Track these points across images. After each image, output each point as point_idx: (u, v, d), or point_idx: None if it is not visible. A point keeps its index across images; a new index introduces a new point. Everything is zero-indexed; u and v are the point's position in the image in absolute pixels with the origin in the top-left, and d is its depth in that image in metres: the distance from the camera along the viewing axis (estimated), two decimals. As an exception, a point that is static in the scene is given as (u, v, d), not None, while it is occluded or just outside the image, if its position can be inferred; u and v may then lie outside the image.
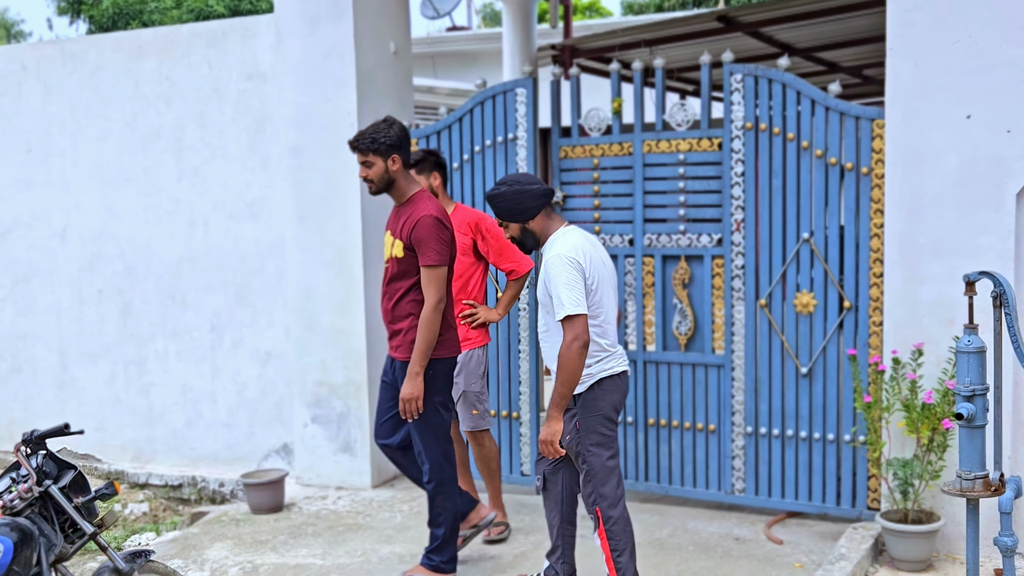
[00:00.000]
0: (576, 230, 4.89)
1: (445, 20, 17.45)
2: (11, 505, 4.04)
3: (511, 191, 4.82)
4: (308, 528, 6.80)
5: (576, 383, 4.62)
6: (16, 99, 8.45)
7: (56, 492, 4.13)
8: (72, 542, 4.23)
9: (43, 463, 4.22)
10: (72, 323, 8.48)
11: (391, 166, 5.25)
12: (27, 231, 8.58)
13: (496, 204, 4.87)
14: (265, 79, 7.52)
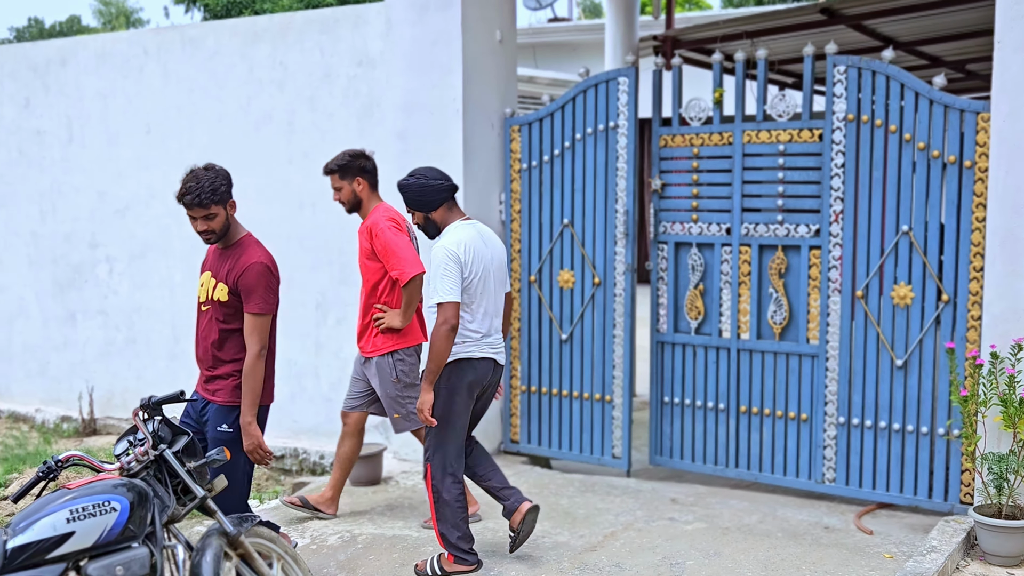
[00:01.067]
0: (470, 225, 5.38)
1: (547, 11, 17.55)
2: (128, 467, 4.19)
3: (417, 183, 5.34)
4: (404, 501, 6.91)
5: (444, 360, 5.21)
6: (137, 82, 8.73)
7: (170, 456, 4.26)
8: (183, 504, 4.35)
9: (159, 428, 4.35)
10: (184, 298, 8.73)
11: (231, 211, 5.09)
12: (144, 209, 8.86)
13: (404, 193, 5.37)
14: (374, 65, 7.65)
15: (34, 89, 9.32)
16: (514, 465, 7.63)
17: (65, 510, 3.81)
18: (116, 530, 3.90)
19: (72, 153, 9.20)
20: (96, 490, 3.92)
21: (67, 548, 3.80)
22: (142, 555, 3.97)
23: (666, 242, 7.17)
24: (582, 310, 7.39)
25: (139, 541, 4.01)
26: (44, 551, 3.77)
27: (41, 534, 3.76)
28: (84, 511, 3.83)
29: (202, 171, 5.01)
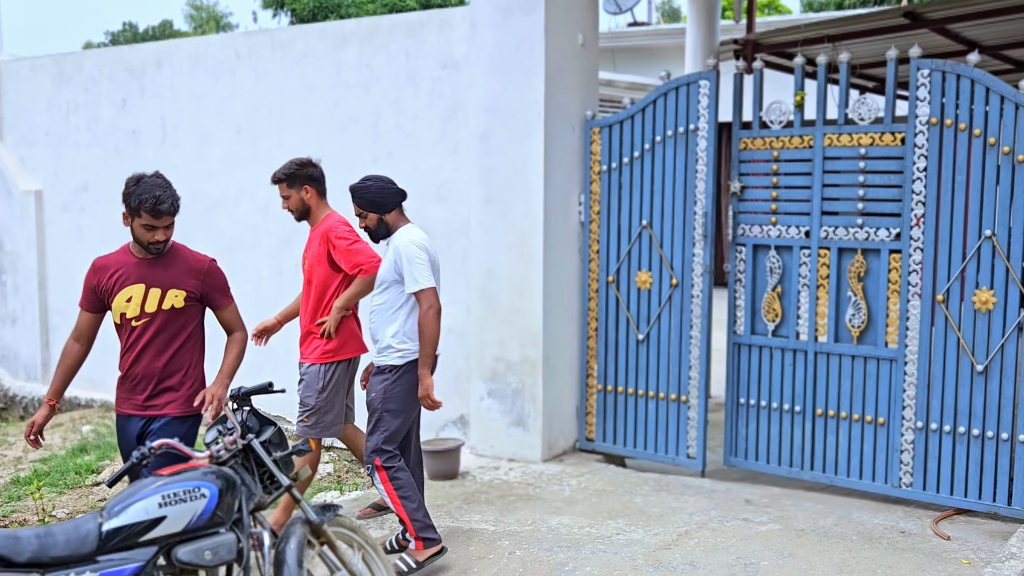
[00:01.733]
0: (419, 228, 5.71)
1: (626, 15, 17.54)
2: (217, 455, 4.28)
3: (376, 185, 5.59)
4: (481, 496, 6.96)
5: (436, 343, 5.46)
6: (230, 84, 8.92)
7: (257, 446, 4.34)
8: (269, 493, 4.44)
9: (247, 418, 4.44)
10: (270, 293, 8.89)
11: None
12: (233, 206, 9.04)
13: (361, 194, 5.57)
14: (458, 68, 7.73)
15: (130, 90, 9.57)
16: (589, 463, 7.65)
17: (157, 495, 3.90)
18: (205, 516, 3.98)
19: (166, 152, 9.43)
20: (187, 477, 4.02)
21: (159, 532, 3.90)
22: (229, 541, 4.06)
23: (744, 244, 7.14)
24: (659, 311, 7.39)
25: (226, 527, 4.10)
26: (137, 534, 3.87)
27: (134, 518, 3.86)
28: (175, 496, 3.93)
29: (158, 179, 4.98)
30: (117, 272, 4.98)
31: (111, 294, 5.00)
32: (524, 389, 7.58)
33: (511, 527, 6.33)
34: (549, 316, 7.51)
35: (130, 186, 4.85)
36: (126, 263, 4.99)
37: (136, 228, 4.84)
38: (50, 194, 10.35)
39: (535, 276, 7.44)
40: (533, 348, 7.51)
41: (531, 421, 7.58)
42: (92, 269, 5.04)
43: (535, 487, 7.09)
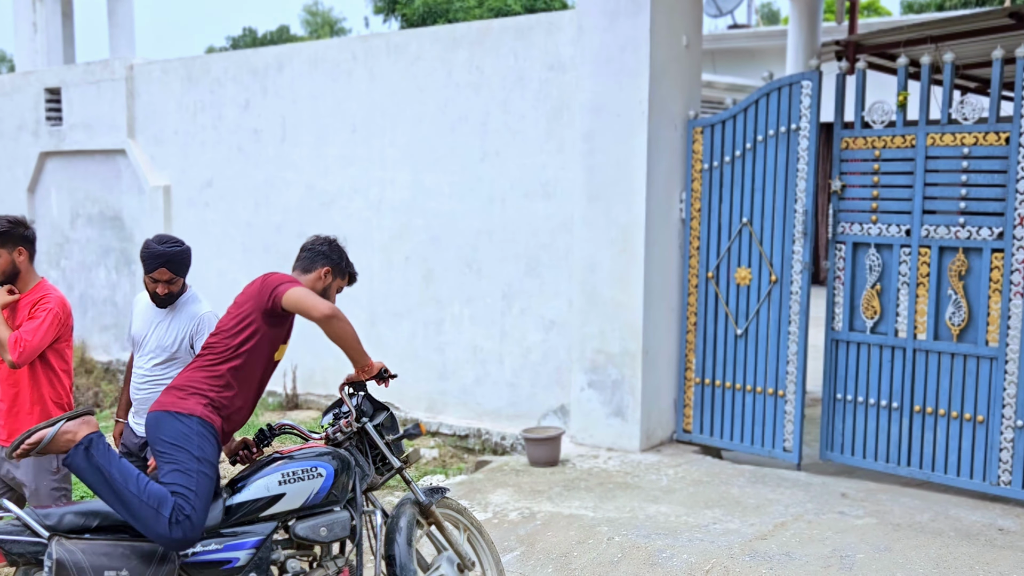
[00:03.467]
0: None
1: (726, 18, 17.36)
2: (333, 437, 4.37)
3: (187, 247, 4.93)
4: (580, 483, 6.97)
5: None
6: (346, 85, 9.06)
7: (371, 429, 4.41)
8: (381, 474, 4.50)
9: (362, 403, 4.52)
10: (381, 285, 9.02)
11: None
12: (347, 202, 9.19)
13: (182, 259, 4.84)
14: (564, 69, 7.75)
15: (253, 92, 9.79)
16: (685, 454, 7.60)
17: (278, 473, 4.03)
18: (322, 494, 4.09)
19: (285, 150, 9.63)
20: (306, 456, 4.13)
21: (278, 508, 4.02)
22: (343, 518, 4.17)
23: (844, 242, 7.01)
24: (758, 306, 7.31)
25: (341, 505, 4.20)
26: (257, 509, 3.99)
27: (256, 494, 3.99)
28: (294, 475, 4.05)
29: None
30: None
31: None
32: (624, 380, 7.57)
33: (610, 514, 6.33)
34: (649, 310, 7.48)
35: (341, 249, 4.59)
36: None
37: (333, 288, 4.60)
38: (177, 190, 10.64)
39: (636, 271, 7.42)
40: (633, 341, 7.49)
41: (630, 412, 7.56)
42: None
43: (633, 476, 7.07)
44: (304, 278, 4.32)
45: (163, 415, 3.98)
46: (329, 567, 4.21)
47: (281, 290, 4.08)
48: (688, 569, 5.45)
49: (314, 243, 4.45)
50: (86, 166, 11.56)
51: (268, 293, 4.11)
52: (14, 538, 3.57)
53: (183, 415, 3.96)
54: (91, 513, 3.76)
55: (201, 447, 3.91)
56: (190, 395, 4.04)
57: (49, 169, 12.00)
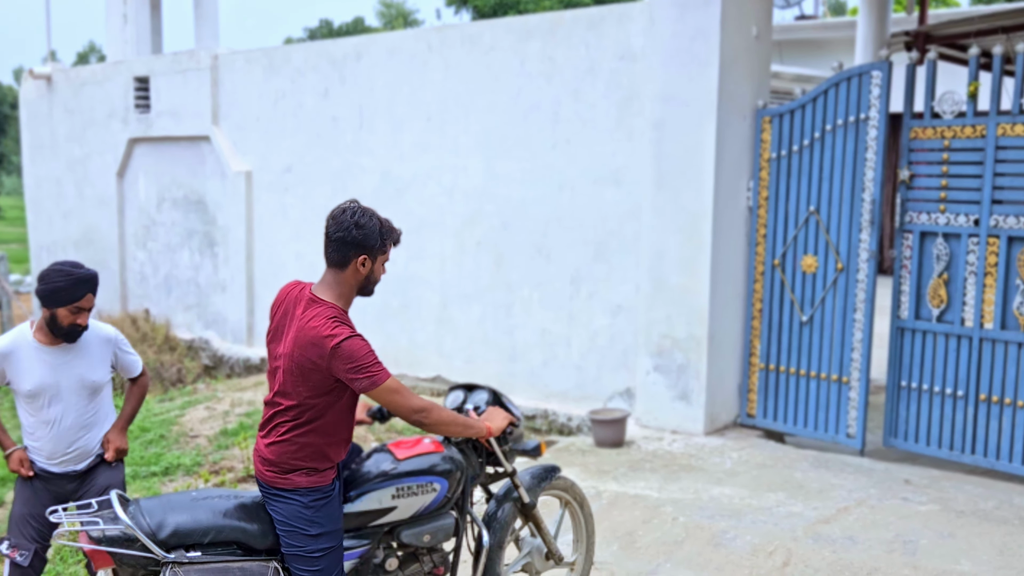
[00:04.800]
0: None
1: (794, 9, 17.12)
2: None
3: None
4: (645, 464, 6.96)
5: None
6: (422, 75, 9.11)
7: (492, 440, 4.27)
8: (490, 474, 4.43)
9: (487, 404, 4.36)
10: (453, 269, 9.07)
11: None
12: (421, 188, 9.25)
13: (93, 284, 4.32)
14: (635, 59, 7.71)
15: (332, 80, 9.89)
16: (749, 438, 7.55)
17: (392, 487, 3.93)
18: (432, 506, 4.04)
19: (362, 138, 9.71)
20: (422, 468, 4.00)
21: (388, 519, 3.97)
22: (448, 525, 4.11)
23: (911, 231, 6.89)
24: (823, 294, 7.22)
25: (449, 509, 4.14)
26: (368, 518, 3.94)
27: (367, 506, 3.92)
28: (408, 490, 3.95)
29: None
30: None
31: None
32: (689, 365, 7.53)
33: (674, 494, 6.32)
34: (715, 296, 7.43)
35: (371, 221, 3.68)
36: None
37: (378, 267, 3.73)
38: (258, 175, 10.79)
39: (703, 258, 7.37)
40: (699, 326, 7.45)
41: (695, 395, 7.53)
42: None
43: (697, 458, 7.05)
44: (341, 275, 3.65)
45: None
46: (425, 562, 4.17)
47: (364, 386, 3.54)
48: (751, 550, 5.43)
49: (339, 228, 3.61)
50: (172, 152, 11.77)
51: (345, 376, 3.55)
52: (127, 551, 3.49)
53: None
54: (202, 528, 3.62)
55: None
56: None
57: (137, 154, 12.25)
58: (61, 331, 4.23)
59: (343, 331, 3.52)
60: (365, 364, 3.50)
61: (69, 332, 4.25)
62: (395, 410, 3.62)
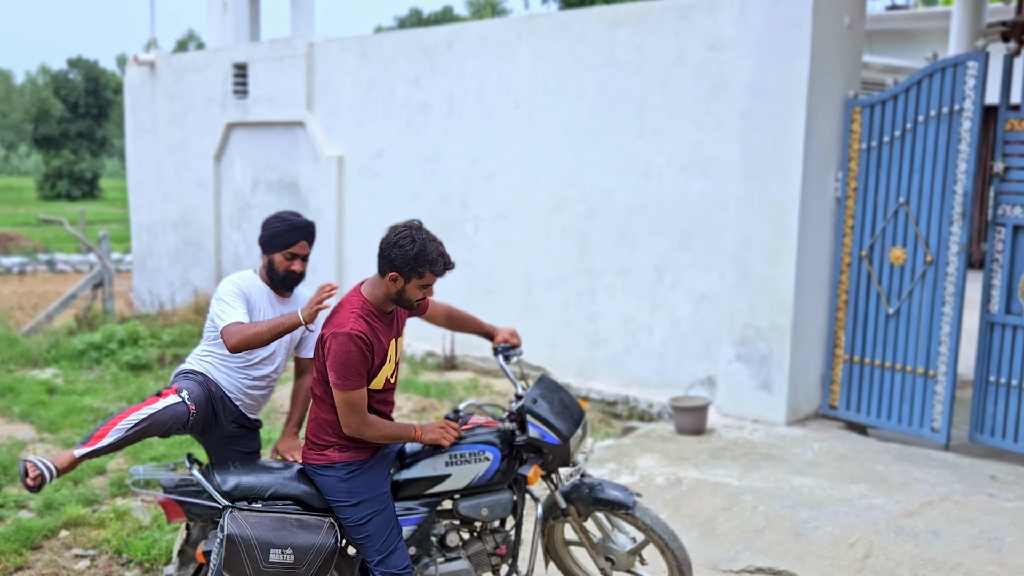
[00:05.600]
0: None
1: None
2: (504, 420, 4.28)
3: None
4: (726, 452, 6.90)
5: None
6: (511, 62, 9.11)
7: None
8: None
9: (535, 394, 4.28)
10: (538, 255, 9.07)
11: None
12: (508, 175, 9.26)
13: (308, 233, 4.32)
14: (724, 49, 7.60)
15: (423, 68, 9.94)
16: (831, 429, 7.43)
17: (445, 455, 4.02)
18: (487, 476, 4.07)
19: (451, 125, 9.75)
20: (476, 439, 4.09)
21: (443, 487, 4.04)
22: (506, 500, 4.15)
23: (1004, 224, 6.70)
24: (911, 287, 7.06)
25: (506, 486, 4.18)
26: (424, 486, 4.02)
27: (422, 472, 4.01)
28: (461, 457, 4.02)
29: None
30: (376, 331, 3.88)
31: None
32: (772, 355, 7.43)
33: (754, 483, 6.25)
34: (800, 286, 7.32)
35: (410, 246, 3.75)
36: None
37: (411, 288, 3.82)
38: (350, 160, 10.92)
39: (789, 248, 7.26)
40: (783, 316, 7.34)
41: (777, 385, 7.43)
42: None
43: (778, 448, 6.96)
44: (380, 281, 3.82)
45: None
46: (488, 542, 4.22)
47: (332, 382, 3.73)
48: (832, 541, 5.35)
49: (384, 240, 3.79)
50: (267, 136, 11.98)
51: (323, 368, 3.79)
52: (194, 500, 3.76)
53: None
54: (263, 485, 3.85)
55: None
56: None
57: (234, 139, 12.49)
58: (277, 277, 4.23)
59: (347, 327, 3.71)
60: (340, 366, 3.70)
61: (284, 278, 4.23)
62: (341, 418, 3.77)
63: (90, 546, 5.45)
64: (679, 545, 4.34)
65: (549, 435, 4.10)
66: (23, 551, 5.34)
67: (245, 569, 3.64)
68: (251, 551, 3.63)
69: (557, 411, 4.17)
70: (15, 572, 5.20)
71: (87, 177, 50.26)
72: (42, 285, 20.83)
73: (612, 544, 4.44)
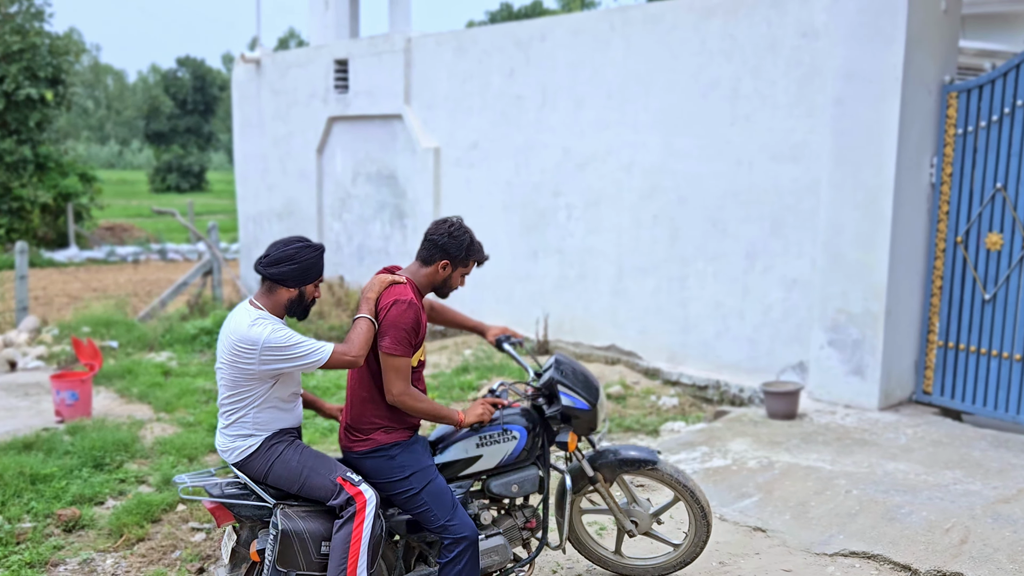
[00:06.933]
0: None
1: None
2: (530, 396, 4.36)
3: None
4: (818, 437, 6.79)
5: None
6: (604, 54, 9.07)
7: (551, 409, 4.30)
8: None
9: (553, 373, 4.34)
10: (629, 242, 9.03)
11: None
12: (600, 164, 9.23)
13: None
14: (817, 36, 7.45)
15: (517, 61, 9.96)
16: (924, 415, 7.26)
17: (476, 437, 4.12)
18: (515, 454, 4.17)
19: (544, 116, 9.75)
20: (504, 419, 4.18)
21: (475, 468, 4.13)
22: (533, 475, 4.24)
23: (1106, 210, 6.45)
24: (1008, 272, 6.84)
25: (531, 462, 4.26)
26: (458, 468, 4.11)
27: (455, 456, 4.12)
28: (490, 438, 4.13)
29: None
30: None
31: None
32: (864, 340, 7.28)
33: (847, 468, 6.14)
34: (894, 272, 7.15)
35: (464, 236, 4.03)
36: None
37: (456, 276, 4.09)
38: (445, 151, 11.00)
39: (883, 233, 7.10)
40: (876, 302, 7.18)
41: (869, 371, 7.28)
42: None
43: (870, 433, 6.82)
44: (424, 270, 4.01)
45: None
46: (518, 517, 4.29)
47: (383, 346, 3.83)
48: (927, 526, 5.22)
49: (435, 232, 4.01)
50: (367, 129, 12.13)
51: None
52: (243, 502, 3.74)
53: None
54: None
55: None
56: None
57: (335, 132, 12.68)
58: (301, 308, 3.90)
59: (410, 296, 3.87)
60: (390, 335, 3.81)
61: (307, 308, 3.93)
62: (386, 383, 3.86)
63: (205, 520, 5.62)
64: (703, 496, 4.51)
65: (580, 401, 4.24)
66: (144, 524, 5.53)
67: (299, 562, 3.69)
68: (304, 544, 3.68)
69: (581, 380, 4.32)
70: (137, 543, 5.39)
71: (195, 170, 51.62)
72: (155, 273, 21.46)
73: (636, 507, 4.58)
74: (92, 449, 6.60)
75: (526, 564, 4.28)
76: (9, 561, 5.11)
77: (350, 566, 3.66)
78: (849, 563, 4.94)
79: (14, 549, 5.25)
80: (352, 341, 3.77)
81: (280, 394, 3.81)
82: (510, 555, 4.19)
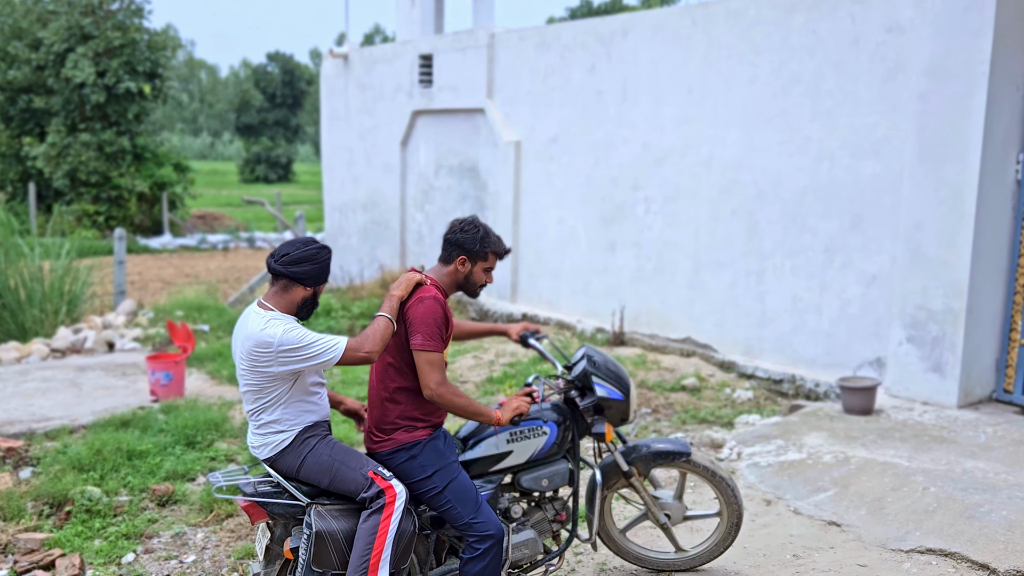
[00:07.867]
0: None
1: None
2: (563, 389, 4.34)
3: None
4: (895, 433, 6.66)
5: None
6: (684, 49, 8.99)
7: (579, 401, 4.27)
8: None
9: (583, 370, 4.32)
10: (706, 236, 8.95)
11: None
12: (679, 159, 9.16)
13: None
14: (902, 31, 7.29)
15: (599, 56, 9.93)
16: (1005, 413, 7.07)
17: (506, 432, 4.11)
18: (545, 449, 4.16)
19: (624, 110, 9.71)
20: (532, 415, 4.16)
21: (506, 463, 4.12)
22: (563, 470, 4.23)
23: None
24: (1096, 272, 6.63)
25: (562, 455, 4.26)
26: (489, 464, 4.10)
27: (486, 451, 4.11)
28: (521, 434, 4.11)
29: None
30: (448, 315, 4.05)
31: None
32: (944, 337, 7.11)
33: (925, 465, 6.01)
34: (976, 269, 6.97)
35: (475, 230, 4.04)
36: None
37: (477, 271, 4.06)
38: (526, 145, 11.02)
39: (965, 230, 6.92)
40: (957, 299, 7.01)
41: (949, 368, 7.11)
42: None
43: (949, 430, 6.67)
44: (445, 269, 4.01)
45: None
46: (548, 510, 4.28)
47: (415, 344, 3.82)
48: (1008, 525, 5.10)
49: (451, 231, 4.02)
50: (450, 123, 12.22)
51: (406, 335, 3.88)
52: (276, 500, 3.69)
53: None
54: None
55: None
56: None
57: (419, 125, 12.80)
58: (310, 309, 3.89)
59: (433, 293, 3.88)
60: (420, 333, 3.80)
61: (313, 308, 3.93)
62: (422, 378, 3.81)
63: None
64: (735, 486, 4.56)
65: (614, 391, 4.24)
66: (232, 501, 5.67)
67: (333, 561, 3.66)
68: (337, 544, 3.65)
69: (613, 371, 4.31)
70: (226, 519, 5.53)
71: (282, 162, 52.52)
72: (244, 260, 21.91)
73: (670, 501, 4.60)
74: (185, 428, 6.78)
75: (555, 557, 4.28)
76: (107, 532, 5.29)
77: (373, 558, 3.62)
78: (925, 560, 4.85)
79: (111, 521, 5.43)
80: (367, 336, 3.73)
81: (303, 386, 3.80)
82: (540, 548, 4.20)
